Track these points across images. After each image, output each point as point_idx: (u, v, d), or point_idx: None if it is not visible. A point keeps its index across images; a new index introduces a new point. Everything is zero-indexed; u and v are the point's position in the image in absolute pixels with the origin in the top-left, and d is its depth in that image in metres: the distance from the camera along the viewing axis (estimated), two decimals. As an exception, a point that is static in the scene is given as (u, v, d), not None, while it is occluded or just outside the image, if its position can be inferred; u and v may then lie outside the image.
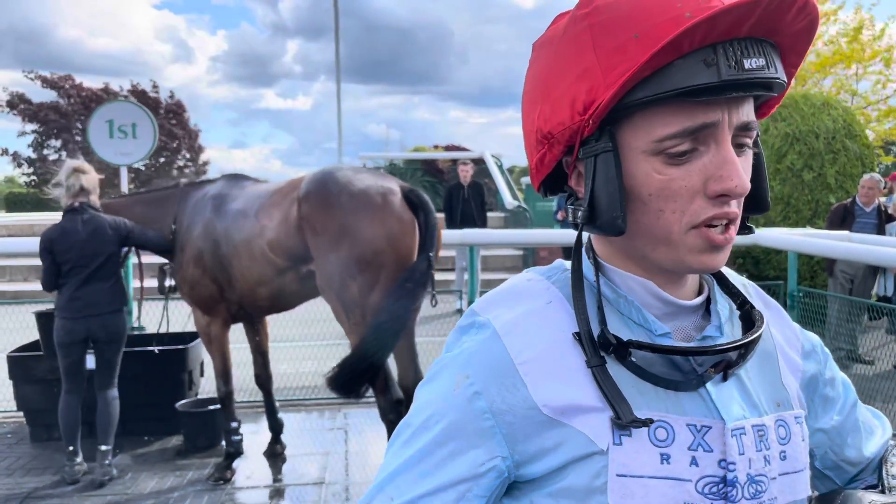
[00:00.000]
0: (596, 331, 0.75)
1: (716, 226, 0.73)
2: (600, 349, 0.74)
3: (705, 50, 0.67)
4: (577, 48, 0.72)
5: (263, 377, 4.49)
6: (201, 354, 5.15)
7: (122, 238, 4.07)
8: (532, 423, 0.73)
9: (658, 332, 0.77)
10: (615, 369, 0.74)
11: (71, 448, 4.10)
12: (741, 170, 0.71)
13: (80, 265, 3.98)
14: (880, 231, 6.55)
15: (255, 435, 4.84)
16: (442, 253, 3.78)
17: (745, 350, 0.77)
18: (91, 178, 4.11)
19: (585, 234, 0.83)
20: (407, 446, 0.77)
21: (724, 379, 0.78)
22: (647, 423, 0.72)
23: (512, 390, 0.74)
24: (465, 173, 9.61)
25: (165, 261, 4.28)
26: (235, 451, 4.21)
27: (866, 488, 0.92)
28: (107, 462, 4.10)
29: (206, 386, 5.29)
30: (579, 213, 0.77)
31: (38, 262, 4.10)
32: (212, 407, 4.69)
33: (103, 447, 4.09)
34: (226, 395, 4.20)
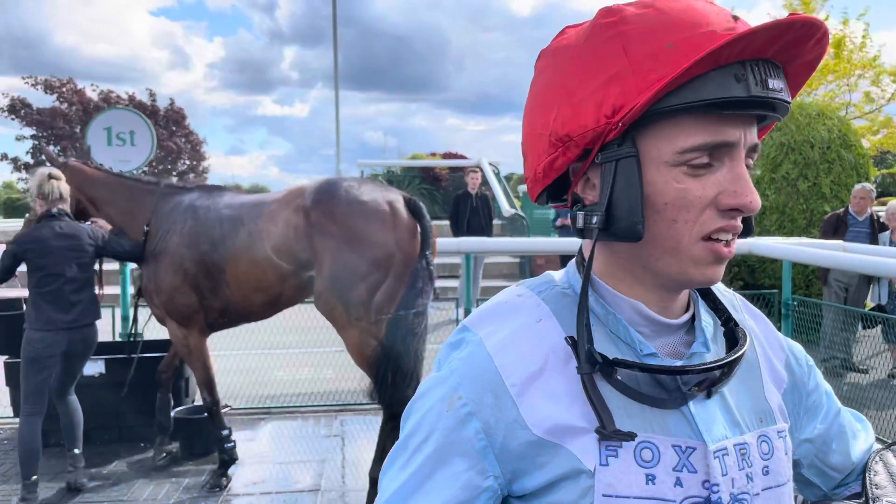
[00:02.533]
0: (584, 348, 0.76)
1: (721, 239, 0.75)
2: (585, 366, 0.75)
3: (735, 66, 0.70)
4: (606, 53, 0.73)
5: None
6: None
7: (98, 248, 3.99)
8: (522, 442, 0.75)
9: (644, 352, 0.78)
10: (602, 387, 0.75)
11: (35, 477, 3.82)
12: (753, 187, 0.74)
13: (56, 273, 3.83)
14: (873, 240, 6.58)
15: (250, 442, 4.85)
16: (445, 260, 4.01)
17: (728, 368, 0.77)
18: (65, 185, 4.05)
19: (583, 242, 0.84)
20: (404, 470, 0.78)
21: (708, 396, 0.79)
22: (630, 436, 0.73)
23: (504, 410, 0.75)
24: (475, 181, 9.69)
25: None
26: (229, 459, 4.22)
27: (851, 497, 0.93)
28: (81, 465, 4.07)
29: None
30: (594, 219, 0.76)
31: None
32: (208, 414, 4.70)
33: (76, 451, 4.06)
34: (212, 405, 4.20)
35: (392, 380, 3.65)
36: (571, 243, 6.59)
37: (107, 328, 5.32)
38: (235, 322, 4.23)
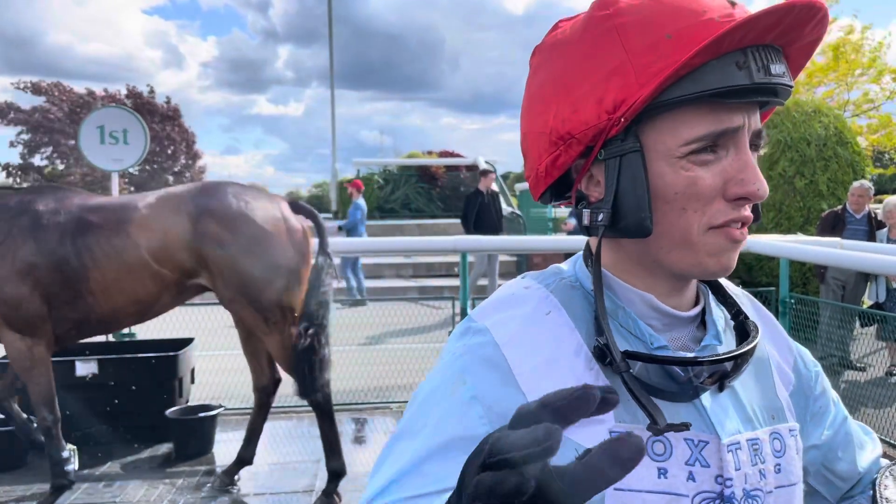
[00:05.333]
0: (593, 342, 0.74)
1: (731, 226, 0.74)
2: (596, 360, 0.73)
3: (736, 53, 0.68)
4: (603, 48, 0.71)
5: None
6: (192, 361, 5.12)
7: None
8: None
9: (655, 344, 0.77)
10: (613, 381, 0.72)
11: None
12: (760, 174, 0.72)
13: None
14: (871, 238, 6.56)
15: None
16: (443, 259, 4.08)
17: (740, 360, 0.76)
18: None
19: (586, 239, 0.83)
20: (404, 453, 0.75)
21: (720, 390, 0.77)
22: (686, 426, 0.68)
23: (508, 398, 0.72)
24: (490, 181, 9.89)
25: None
26: (67, 483, 3.83)
27: None
28: None
29: (197, 393, 5.27)
30: (599, 216, 0.74)
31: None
32: (202, 414, 4.67)
33: None
34: (53, 424, 3.75)
35: (309, 369, 3.75)
36: (568, 242, 6.57)
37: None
38: (92, 333, 3.94)
